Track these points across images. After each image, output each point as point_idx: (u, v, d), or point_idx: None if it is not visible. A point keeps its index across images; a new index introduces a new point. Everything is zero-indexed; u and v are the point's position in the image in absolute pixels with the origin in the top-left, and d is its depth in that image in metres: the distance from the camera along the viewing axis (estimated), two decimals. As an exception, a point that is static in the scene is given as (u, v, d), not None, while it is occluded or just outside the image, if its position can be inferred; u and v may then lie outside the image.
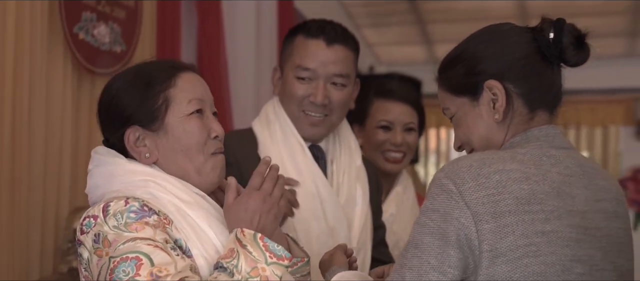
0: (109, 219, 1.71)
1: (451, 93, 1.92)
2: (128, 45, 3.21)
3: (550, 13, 5.93)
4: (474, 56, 1.88)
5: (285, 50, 2.60)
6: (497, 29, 1.92)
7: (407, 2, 7.17)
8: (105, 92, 1.93)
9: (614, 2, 7.13)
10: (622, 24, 7.54)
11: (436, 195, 1.72)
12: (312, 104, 2.52)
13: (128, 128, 1.87)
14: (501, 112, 1.85)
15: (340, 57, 2.54)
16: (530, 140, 1.83)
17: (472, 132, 1.90)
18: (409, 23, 7.82)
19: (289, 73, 2.54)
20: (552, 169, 1.76)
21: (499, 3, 7.28)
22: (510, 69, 1.85)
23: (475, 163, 1.72)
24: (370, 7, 7.41)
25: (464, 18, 7.64)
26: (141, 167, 1.86)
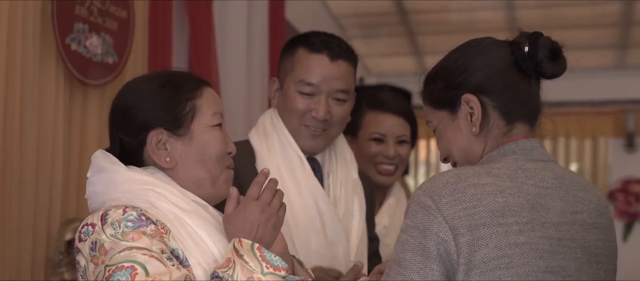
0: (107, 228, 1.71)
1: (432, 107, 1.96)
2: (120, 56, 3.22)
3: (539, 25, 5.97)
4: (453, 71, 1.92)
5: (285, 63, 2.58)
6: (476, 43, 1.96)
7: (398, 14, 7.19)
8: (127, 92, 1.96)
9: (603, 15, 7.17)
10: (611, 36, 7.58)
11: (415, 213, 1.75)
12: (313, 119, 2.51)
13: (153, 130, 1.88)
14: (478, 125, 1.88)
15: (343, 72, 2.54)
16: (506, 154, 1.86)
17: (452, 145, 1.94)
18: (399, 35, 7.84)
19: (291, 87, 2.53)
20: (528, 181, 1.79)
21: (489, 15, 7.30)
22: (487, 82, 1.88)
23: (451, 179, 1.76)
24: (360, 18, 7.43)
25: (454, 30, 7.67)
26: (141, 175, 1.87)
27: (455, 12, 7.26)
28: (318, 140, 2.56)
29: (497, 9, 7.11)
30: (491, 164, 1.84)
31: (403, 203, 3.23)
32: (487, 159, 1.88)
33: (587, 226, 1.82)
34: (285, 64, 2.58)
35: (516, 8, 7.03)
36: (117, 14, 3.20)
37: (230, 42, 4.33)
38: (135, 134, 1.90)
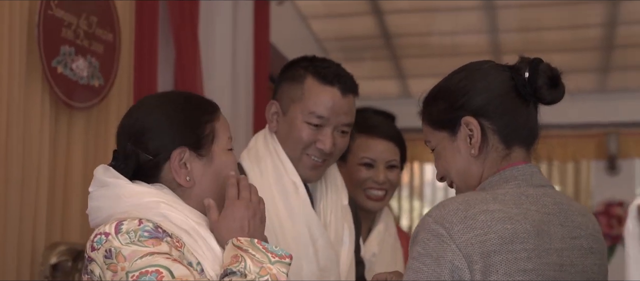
0: (121, 236, 1.72)
1: (432, 128, 1.98)
2: (106, 79, 3.22)
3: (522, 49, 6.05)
4: (454, 92, 1.94)
5: (291, 89, 2.55)
6: (477, 66, 1.98)
7: (381, 37, 7.23)
8: (145, 111, 1.97)
9: (585, 38, 7.23)
10: (593, 59, 7.64)
11: (427, 241, 1.75)
12: (318, 150, 2.50)
13: (177, 148, 1.91)
14: (477, 147, 1.90)
15: (351, 106, 2.55)
16: (508, 180, 1.88)
17: (451, 166, 1.96)
18: (382, 58, 7.88)
19: (298, 116, 2.50)
20: (531, 208, 1.81)
21: (472, 39, 7.35)
22: (487, 105, 1.90)
23: (461, 206, 1.77)
24: (344, 41, 7.46)
25: (438, 53, 7.71)
26: (148, 188, 1.89)
27: (438, 36, 7.30)
28: (318, 170, 2.56)
29: (479, 33, 7.16)
30: (495, 190, 1.85)
31: (392, 229, 3.20)
32: (489, 184, 1.89)
33: (584, 251, 1.85)
34: (292, 91, 2.54)
35: (499, 32, 7.08)
36: (103, 37, 3.21)
37: (216, 65, 4.35)
38: (155, 152, 1.91)
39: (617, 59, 7.71)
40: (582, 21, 6.90)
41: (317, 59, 2.62)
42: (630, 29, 7.00)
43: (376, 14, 6.71)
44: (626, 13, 6.61)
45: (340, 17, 6.94)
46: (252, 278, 1.72)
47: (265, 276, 1.74)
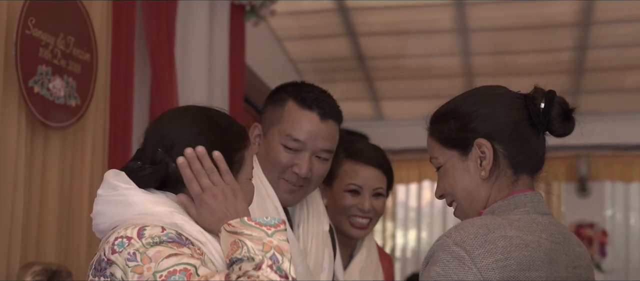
0: (145, 240, 1.73)
1: (442, 145, 2.00)
2: (83, 99, 3.22)
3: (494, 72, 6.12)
4: (468, 114, 1.96)
5: (273, 112, 2.54)
6: (492, 91, 2.01)
7: (355, 59, 7.27)
8: (186, 122, 1.96)
9: (556, 62, 7.31)
10: (564, 83, 7.73)
11: (448, 262, 1.77)
12: (294, 175, 2.48)
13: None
14: (488, 170, 1.92)
15: (331, 132, 2.52)
16: (518, 206, 1.90)
17: (458, 185, 1.98)
18: (356, 79, 7.92)
19: (276, 138, 2.49)
20: (542, 235, 1.84)
21: (445, 61, 7.42)
22: (501, 131, 1.93)
23: (481, 230, 1.79)
24: (318, 63, 7.50)
25: (411, 75, 7.77)
26: (159, 196, 1.88)
27: (412, 58, 7.36)
28: (295, 195, 2.54)
29: (453, 55, 7.23)
30: (507, 215, 1.87)
31: (374, 255, 3.13)
32: (499, 208, 1.91)
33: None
34: (273, 114, 2.54)
35: (471, 55, 7.15)
36: (80, 57, 3.21)
37: (192, 85, 4.36)
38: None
39: (588, 83, 7.80)
40: (554, 45, 6.99)
41: (304, 84, 2.60)
42: (600, 53, 7.09)
43: (350, 36, 6.76)
44: (596, 37, 6.70)
45: (315, 39, 6.98)
46: (260, 258, 1.71)
47: (270, 251, 1.73)
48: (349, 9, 6.25)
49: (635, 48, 6.95)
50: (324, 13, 6.37)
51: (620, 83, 7.88)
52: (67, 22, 3.15)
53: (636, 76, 7.60)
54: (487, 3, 6.18)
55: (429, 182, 9.29)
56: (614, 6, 6.17)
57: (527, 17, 6.42)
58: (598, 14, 6.26)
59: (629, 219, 9.13)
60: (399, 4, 6.25)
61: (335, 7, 6.22)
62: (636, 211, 9.13)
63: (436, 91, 8.12)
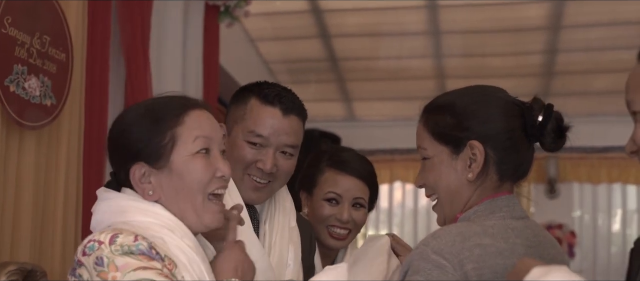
0: (115, 247, 1.72)
1: (433, 138, 1.99)
2: (58, 98, 3.22)
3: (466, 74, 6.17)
4: (466, 112, 1.95)
5: (236, 110, 2.56)
6: (493, 93, 2.00)
7: (328, 60, 7.30)
8: (116, 125, 1.95)
9: (526, 65, 7.38)
10: (534, 85, 7.80)
11: (429, 270, 1.78)
12: (259, 170, 2.48)
13: (135, 164, 1.87)
14: (475, 173, 1.92)
15: (294, 127, 2.52)
16: (493, 211, 1.92)
17: (442, 181, 1.98)
18: (328, 80, 7.95)
19: (239, 136, 2.50)
20: (517, 241, 1.86)
21: (417, 63, 7.47)
22: (496, 136, 1.93)
23: (457, 238, 1.80)
24: (290, 64, 7.52)
25: (383, 77, 7.81)
26: (151, 206, 1.88)
27: (384, 60, 7.40)
28: (261, 192, 2.54)
29: (424, 57, 7.27)
30: (483, 222, 1.88)
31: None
32: (474, 214, 1.92)
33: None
34: (236, 112, 2.55)
35: (443, 57, 7.20)
36: (56, 57, 3.21)
37: (166, 85, 4.35)
38: (121, 166, 1.91)
39: (557, 86, 7.88)
40: (524, 48, 7.06)
41: (266, 82, 2.61)
42: (569, 56, 7.18)
43: (323, 38, 6.79)
44: (565, 41, 6.78)
45: (288, 40, 7.01)
46: None
47: None
48: (322, 10, 6.29)
49: (603, 52, 7.04)
50: (297, 14, 6.40)
51: (588, 87, 7.96)
52: (42, 22, 3.15)
53: (604, 79, 7.69)
54: (459, 6, 6.24)
55: (400, 183, 9.34)
56: (583, 11, 6.25)
57: (499, 20, 6.48)
58: (567, 18, 6.34)
59: (596, 220, 9.23)
60: (371, 5, 6.28)
61: (309, 8, 6.25)
62: (604, 212, 9.22)
63: (408, 92, 8.19)
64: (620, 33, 6.56)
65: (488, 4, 6.21)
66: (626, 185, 9.05)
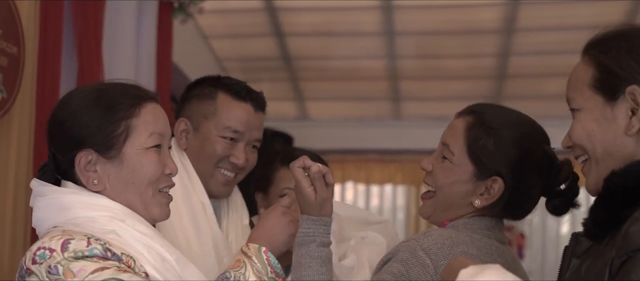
0: (68, 254, 1.65)
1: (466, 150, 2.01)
2: (9, 92, 3.17)
3: (419, 75, 6.20)
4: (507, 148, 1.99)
5: (202, 105, 2.56)
6: (535, 137, 2.03)
7: (281, 59, 7.30)
8: (62, 106, 1.87)
9: (479, 67, 7.44)
10: (487, 88, 7.86)
11: (412, 265, 1.83)
12: (231, 164, 2.52)
13: (81, 150, 1.80)
14: (486, 205, 1.98)
15: (262, 122, 2.59)
16: (481, 228, 1.97)
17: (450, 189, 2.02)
18: (281, 79, 7.94)
19: (212, 131, 2.52)
20: (498, 259, 1.90)
21: (370, 63, 7.49)
22: (518, 185, 1.98)
23: (447, 241, 1.85)
24: (244, 62, 7.50)
25: (336, 77, 7.82)
26: (97, 198, 1.81)
27: (337, 60, 7.41)
28: (229, 186, 2.58)
29: (378, 58, 7.29)
30: (470, 233, 1.93)
31: None
32: (463, 225, 1.97)
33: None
34: (204, 107, 2.55)
35: (397, 58, 7.23)
36: (8, 50, 3.17)
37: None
38: (65, 152, 1.83)
39: (509, 88, 7.95)
40: (477, 51, 7.11)
41: (222, 77, 2.65)
42: (522, 60, 7.24)
43: (277, 36, 6.78)
44: (518, 45, 6.84)
45: (242, 38, 6.99)
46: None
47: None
48: (276, 9, 6.28)
49: (555, 56, 7.11)
50: (251, 12, 6.38)
51: (540, 90, 8.04)
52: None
53: (555, 83, 7.74)
54: (414, 7, 6.27)
55: (352, 183, 9.35)
56: (537, 15, 6.32)
57: (453, 22, 6.52)
58: (521, 21, 6.40)
59: (546, 222, 9.32)
60: (326, 5, 6.29)
61: (263, 6, 6.24)
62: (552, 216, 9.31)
63: (361, 93, 8.21)
64: (572, 37, 6.62)
65: (442, 5, 6.25)
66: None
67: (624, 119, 1.63)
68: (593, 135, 1.67)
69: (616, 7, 5.92)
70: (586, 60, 1.71)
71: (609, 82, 1.65)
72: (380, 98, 8.34)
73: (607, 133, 1.65)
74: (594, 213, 1.62)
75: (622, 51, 1.64)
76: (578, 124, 1.70)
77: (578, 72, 1.72)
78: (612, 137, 1.65)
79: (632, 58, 1.62)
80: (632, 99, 1.61)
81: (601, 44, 1.70)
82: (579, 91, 1.70)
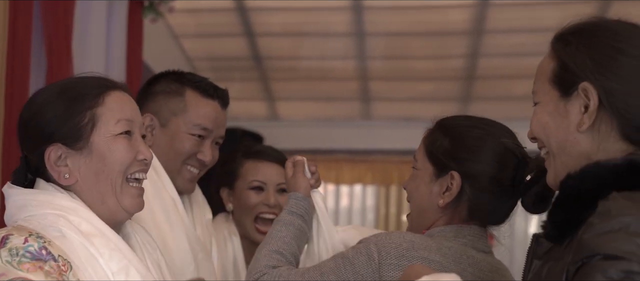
0: (3, 251, 1.63)
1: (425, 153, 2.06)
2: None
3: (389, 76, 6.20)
4: (461, 143, 2.02)
5: (170, 102, 2.56)
6: (497, 135, 2.04)
7: (251, 59, 7.29)
8: (27, 106, 1.86)
9: (448, 68, 7.47)
10: (455, 89, 7.89)
11: (360, 254, 1.85)
12: (198, 161, 2.52)
13: (50, 145, 1.79)
14: (446, 201, 2.00)
15: (226, 119, 2.62)
16: (457, 236, 1.97)
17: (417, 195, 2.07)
18: (252, 79, 7.93)
19: (181, 127, 2.52)
20: (469, 269, 1.91)
21: (340, 64, 7.49)
22: (479, 178, 1.99)
23: (404, 243, 1.86)
24: (214, 61, 7.48)
25: (307, 77, 7.82)
26: (57, 198, 1.79)
27: (307, 60, 7.41)
28: (193, 183, 2.60)
29: (347, 59, 7.30)
30: (443, 242, 1.93)
31: None
32: (439, 233, 1.97)
33: None
34: (171, 104, 2.55)
35: (366, 59, 7.24)
36: (-24, 47, 3.16)
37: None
38: (34, 150, 1.83)
39: (478, 90, 7.98)
40: (446, 52, 7.14)
41: (186, 73, 2.66)
42: (491, 61, 7.28)
43: (248, 36, 6.78)
44: (487, 46, 6.88)
45: (212, 37, 6.98)
46: None
47: None
48: (247, 8, 6.27)
49: (524, 57, 7.14)
50: (222, 12, 6.37)
51: (509, 91, 8.08)
52: (-38, 11, 3.09)
53: (524, 84, 7.77)
54: (384, 8, 6.28)
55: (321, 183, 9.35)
56: (505, 16, 6.36)
57: (422, 23, 6.55)
58: (490, 23, 6.44)
59: (514, 222, 9.32)
60: (296, 5, 6.29)
61: (234, 6, 6.23)
62: (521, 215, 9.32)
63: (331, 93, 8.22)
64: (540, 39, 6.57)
65: (412, 6, 6.27)
66: (543, 189, 9.21)
67: (576, 115, 1.63)
68: (547, 129, 1.68)
69: (584, 9, 5.97)
70: (551, 53, 1.73)
71: (565, 77, 1.65)
72: (350, 99, 8.35)
73: (560, 127, 1.66)
74: (552, 216, 1.63)
75: (581, 47, 1.64)
76: (534, 117, 1.72)
77: (542, 65, 1.73)
78: (564, 132, 1.65)
79: (589, 55, 1.63)
80: (585, 96, 1.61)
81: (564, 38, 1.70)
82: (540, 84, 1.71)
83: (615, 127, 1.60)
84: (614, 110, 1.59)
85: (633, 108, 1.59)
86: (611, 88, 1.59)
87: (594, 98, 1.60)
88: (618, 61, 1.61)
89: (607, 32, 1.66)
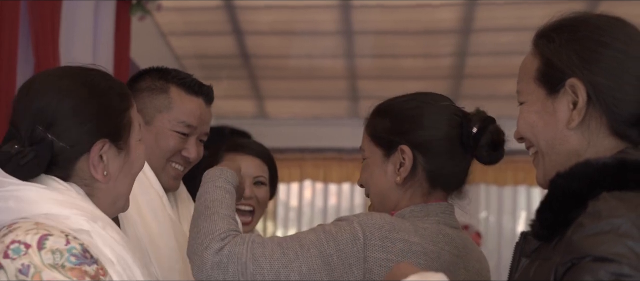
0: (45, 254, 1.55)
1: (370, 139, 2.04)
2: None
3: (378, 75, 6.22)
4: (403, 118, 2.00)
5: (155, 99, 2.52)
6: (434, 101, 2.04)
7: (239, 57, 7.29)
8: (61, 92, 1.73)
9: (437, 67, 7.48)
10: (444, 88, 7.90)
11: (343, 231, 1.82)
12: (183, 158, 2.52)
13: (97, 140, 1.73)
14: (402, 177, 1.97)
15: (211, 116, 2.60)
16: (429, 215, 1.95)
17: (373, 183, 2.03)
18: (240, 77, 7.92)
19: (166, 124, 2.50)
20: (445, 248, 1.89)
21: (328, 62, 7.50)
22: (429, 144, 1.97)
23: (386, 225, 1.84)
24: (202, 59, 7.47)
25: (295, 75, 7.82)
26: (65, 196, 1.70)
27: (295, 58, 7.41)
28: (178, 180, 2.58)
29: (336, 57, 7.31)
30: (416, 222, 1.91)
31: None
32: (410, 213, 1.95)
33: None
34: (156, 101, 2.52)
35: (355, 57, 7.25)
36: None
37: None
38: (73, 142, 1.71)
39: (466, 88, 8.00)
40: (435, 51, 7.15)
41: (170, 70, 2.62)
42: (479, 60, 7.30)
43: (236, 34, 6.77)
44: (475, 45, 6.89)
45: (200, 35, 6.97)
46: None
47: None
48: (235, 6, 6.26)
49: (511, 56, 7.15)
50: (210, 10, 6.36)
51: (496, 90, 8.10)
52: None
53: (511, 83, 7.69)
54: (372, 7, 6.28)
55: (310, 181, 9.35)
56: (494, 15, 6.37)
57: (411, 22, 6.55)
58: (478, 22, 6.45)
59: (501, 222, 9.39)
60: (284, 3, 6.29)
61: (222, 4, 6.22)
62: (508, 214, 9.40)
63: (319, 92, 8.22)
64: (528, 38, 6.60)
65: (400, 5, 6.27)
66: (531, 187, 9.22)
67: (565, 112, 1.62)
68: (536, 128, 1.67)
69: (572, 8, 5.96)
70: (533, 51, 1.71)
71: (551, 74, 1.63)
72: (339, 97, 8.36)
73: (549, 126, 1.65)
74: (541, 215, 1.62)
75: (565, 43, 1.63)
76: (521, 116, 1.70)
77: (526, 64, 1.72)
78: (553, 130, 1.64)
79: (574, 50, 1.61)
80: (573, 92, 1.60)
81: (546, 35, 1.68)
82: (525, 83, 1.70)
83: (604, 123, 1.59)
84: (603, 105, 1.58)
85: (621, 103, 1.58)
86: (598, 83, 1.58)
87: (582, 94, 1.59)
88: (603, 55, 1.59)
89: (589, 26, 1.65)
